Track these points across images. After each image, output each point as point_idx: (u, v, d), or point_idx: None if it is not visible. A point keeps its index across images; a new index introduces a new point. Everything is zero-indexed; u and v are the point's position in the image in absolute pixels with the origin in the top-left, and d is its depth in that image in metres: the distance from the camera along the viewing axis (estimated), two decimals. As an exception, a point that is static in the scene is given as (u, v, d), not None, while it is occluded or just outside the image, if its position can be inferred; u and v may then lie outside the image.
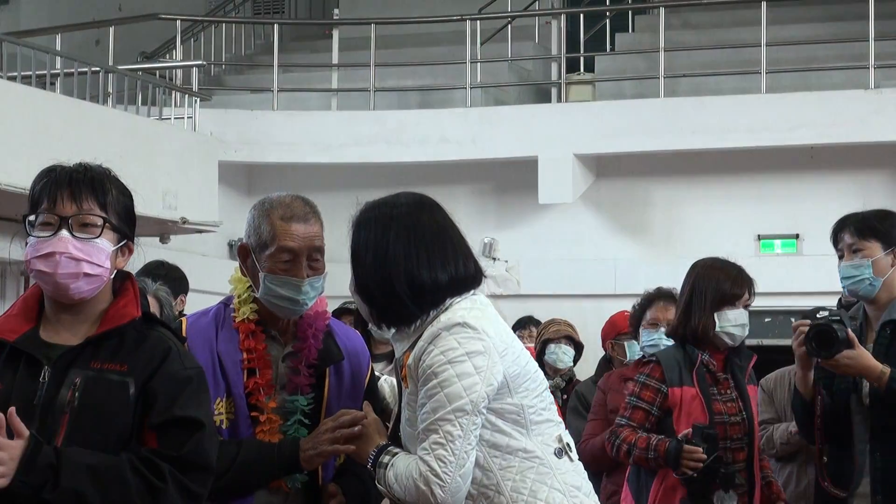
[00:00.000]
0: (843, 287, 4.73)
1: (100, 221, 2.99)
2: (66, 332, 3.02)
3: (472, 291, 3.25)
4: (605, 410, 6.04)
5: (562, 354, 7.23)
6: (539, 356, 7.36)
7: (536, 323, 8.84)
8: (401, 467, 3.10)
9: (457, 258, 3.23)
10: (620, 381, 6.04)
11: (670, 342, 5.71)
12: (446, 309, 3.16)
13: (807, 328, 4.45)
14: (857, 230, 4.72)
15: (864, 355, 4.41)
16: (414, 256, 3.16)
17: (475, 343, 3.08)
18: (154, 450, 2.92)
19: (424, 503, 3.04)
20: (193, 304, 6.42)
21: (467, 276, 3.25)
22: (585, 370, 7.69)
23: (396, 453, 3.19)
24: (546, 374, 7.24)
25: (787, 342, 4.99)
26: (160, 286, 5.91)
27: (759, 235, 11.81)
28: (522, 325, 9.24)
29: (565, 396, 7.17)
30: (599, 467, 6.14)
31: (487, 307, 3.23)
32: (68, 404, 2.92)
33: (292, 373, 3.53)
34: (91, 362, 2.96)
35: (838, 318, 4.50)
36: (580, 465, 3.23)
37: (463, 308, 3.16)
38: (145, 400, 2.95)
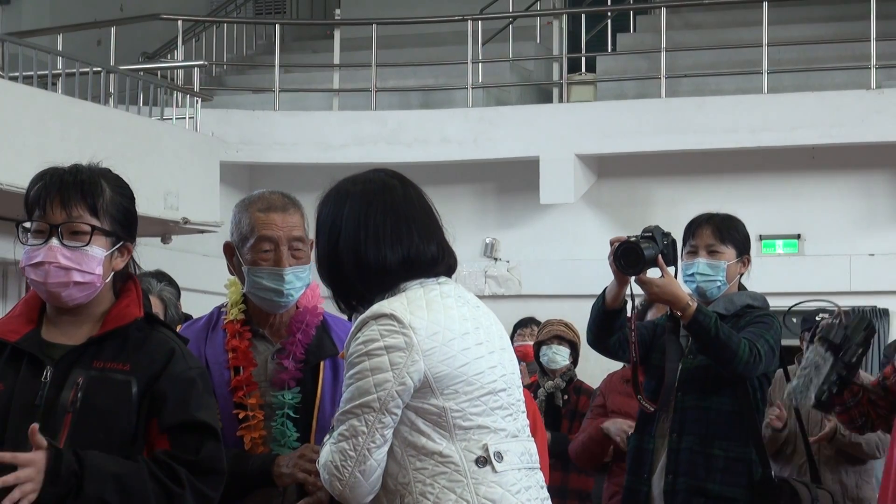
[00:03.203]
0: (690, 282, 4.73)
1: (89, 228, 2.97)
2: (67, 332, 3.02)
3: (437, 278, 3.06)
4: (605, 411, 6.05)
5: (553, 354, 7.19)
6: (536, 359, 7.34)
7: (538, 323, 8.83)
8: (322, 452, 3.02)
9: (412, 238, 3.02)
10: (622, 383, 6.04)
11: None
12: (397, 293, 3.00)
13: (619, 244, 4.53)
14: (718, 232, 4.75)
15: (672, 283, 4.52)
16: (362, 234, 2.99)
17: (396, 337, 2.91)
18: (169, 453, 2.93)
19: (330, 492, 3.00)
20: (195, 304, 6.42)
21: (424, 259, 3.02)
22: (587, 370, 7.67)
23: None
24: (545, 375, 7.23)
25: (789, 342, 4.99)
26: (164, 287, 5.90)
27: (760, 235, 11.80)
28: (524, 325, 9.24)
29: (566, 397, 7.15)
30: (584, 462, 6.17)
31: (445, 297, 3.03)
32: (71, 404, 2.92)
33: (279, 369, 3.56)
34: (94, 362, 2.96)
35: (650, 235, 4.56)
36: (511, 476, 3.01)
37: (407, 296, 2.99)
38: (152, 401, 2.96)
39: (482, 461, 2.97)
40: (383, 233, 3.00)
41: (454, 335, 2.98)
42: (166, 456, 2.92)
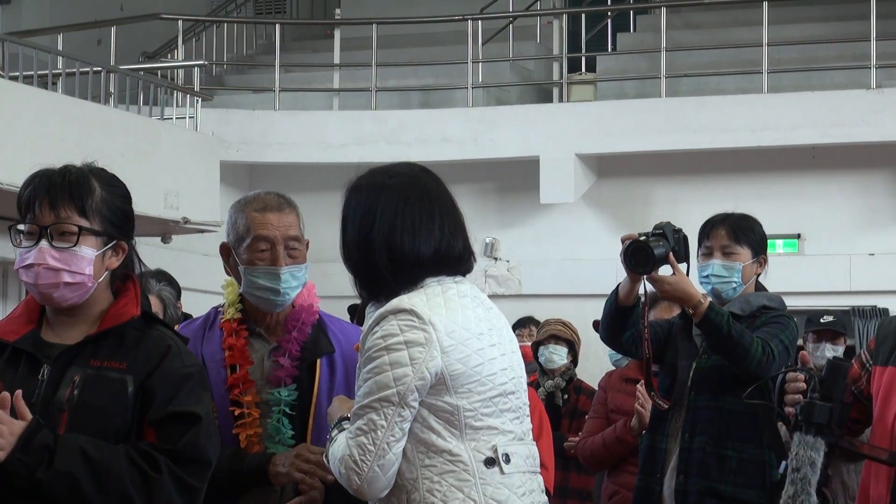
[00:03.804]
0: (706, 284, 4.67)
1: (76, 229, 2.99)
2: (66, 332, 3.04)
3: (455, 277, 3.09)
4: (606, 409, 6.05)
5: (550, 354, 7.19)
6: (535, 359, 7.34)
7: (536, 323, 8.82)
8: (335, 446, 3.04)
9: (443, 233, 3.06)
10: (622, 382, 6.04)
11: None
12: (415, 289, 3.03)
13: (629, 243, 4.47)
14: (733, 232, 4.70)
15: (684, 280, 4.47)
16: (399, 226, 3.04)
17: (417, 333, 2.95)
18: (151, 443, 2.95)
19: (346, 486, 3.00)
20: (196, 303, 6.42)
21: (453, 254, 3.08)
22: (587, 370, 7.68)
23: (344, 429, 3.10)
24: (545, 374, 7.22)
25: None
26: (163, 286, 5.90)
27: (760, 235, 11.80)
28: (522, 325, 9.24)
29: (566, 396, 7.15)
30: (598, 466, 6.15)
31: (462, 297, 3.06)
32: (67, 402, 2.94)
33: (275, 366, 3.58)
34: (90, 360, 2.98)
35: (661, 232, 4.51)
36: (517, 479, 3.04)
37: (426, 293, 3.02)
38: (144, 397, 2.97)
39: (490, 462, 3.00)
40: (419, 226, 3.04)
41: (470, 335, 3.01)
42: (147, 445, 2.94)
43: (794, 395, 3.47)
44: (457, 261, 3.09)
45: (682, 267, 4.52)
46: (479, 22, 13.15)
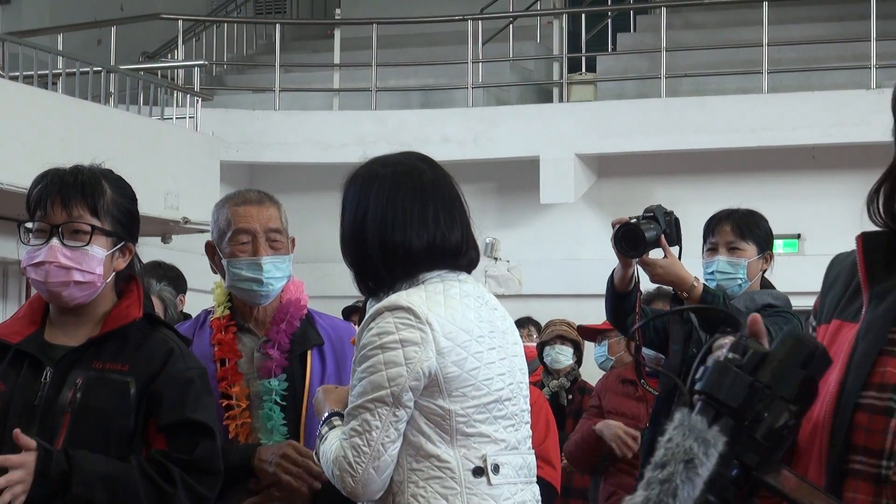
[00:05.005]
0: (711, 280, 4.60)
1: (89, 228, 2.99)
2: (69, 334, 3.05)
3: (459, 274, 3.01)
4: (601, 412, 6.05)
5: (556, 354, 7.19)
6: (540, 360, 7.34)
7: (535, 323, 8.81)
8: (327, 445, 2.98)
9: (438, 224, 2.97)
10: (618, 383, 6.04)
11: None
12: (416, 285, 2.95)
13: (619, 226, 4.43)
14: (738, 228, 4.65)
15: (675, 264, 4.43)
16: (390, 217, 2.95)
17: (413, 332, 2.86)
18: (164, 452, 2.94)
19: (339, 488, 2.95)
20: (195, 303, 6.41)
21: (448, 246, 2.97)
22: (589, 370, 7.67)
23: (335, 427, 3.03)
24: (549, 375, 7.23)
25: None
26: (164, 287, 5.91)
27: (760, 235, 11.79)
28: (521, 325, 9.23)
29: (570, 397, 7.15)
30: (579, 464, 6.15)
31: (464, 297, 2.97)
32: (69, 404, 2.94)
33: (264, 358, 3.60)
34: (93, 363, 2.99)
35: (652, 214, 4.47)
36: (505, 490, 2.96)
37: (426, 289, 2.93)
38: (150, 401, 2.97)
39: (479, 472, 2.93)
40: (410, 217, 2.97)
41: (469, 337, 2.93)
42: (161, 455, 2.94)
43: None
44: (453, 254, 3.00)
45: (674, 250, 4.48)
46: (479, 22, 13.15)
